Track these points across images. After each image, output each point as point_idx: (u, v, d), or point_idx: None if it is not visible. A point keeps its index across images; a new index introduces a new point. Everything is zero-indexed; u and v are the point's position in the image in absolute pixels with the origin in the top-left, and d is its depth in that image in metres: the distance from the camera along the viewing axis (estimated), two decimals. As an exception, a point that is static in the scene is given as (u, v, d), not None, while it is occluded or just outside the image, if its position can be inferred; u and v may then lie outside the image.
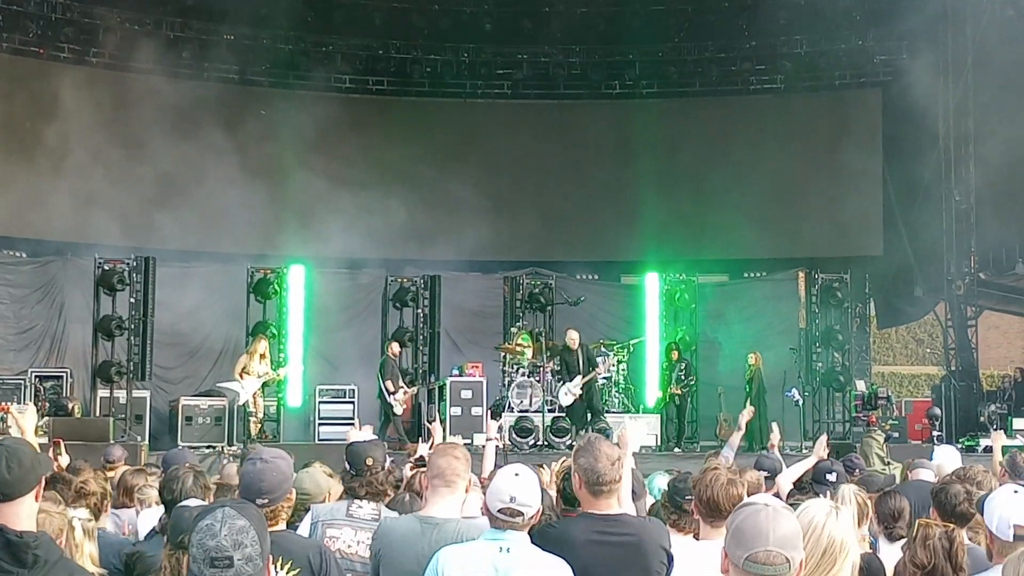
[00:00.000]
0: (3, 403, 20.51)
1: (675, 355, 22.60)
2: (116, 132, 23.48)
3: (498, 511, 5.29)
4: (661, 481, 7.41)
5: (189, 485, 6.28)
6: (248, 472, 5.39)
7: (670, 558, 5.63)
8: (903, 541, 6.57)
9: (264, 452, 5.50)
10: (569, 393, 20.76)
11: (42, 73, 23.28)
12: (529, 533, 5.68)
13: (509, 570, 5.18)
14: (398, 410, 21.19)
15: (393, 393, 21.10)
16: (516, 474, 5.40)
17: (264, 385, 21.39)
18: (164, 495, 6.35)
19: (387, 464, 6.71)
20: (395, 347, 21.85)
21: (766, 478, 9.26)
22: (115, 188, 23.30)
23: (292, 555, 5.22)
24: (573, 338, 21.17)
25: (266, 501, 5.19)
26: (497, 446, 9.25)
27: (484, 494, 5.54)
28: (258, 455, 5.45)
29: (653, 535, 5.71)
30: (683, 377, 22.28)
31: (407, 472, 9.07)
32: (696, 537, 6.20)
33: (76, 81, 23.32)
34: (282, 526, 5.40)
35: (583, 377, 20.69)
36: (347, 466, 6.67)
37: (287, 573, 5.17)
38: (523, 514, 5.25)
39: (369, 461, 6.54)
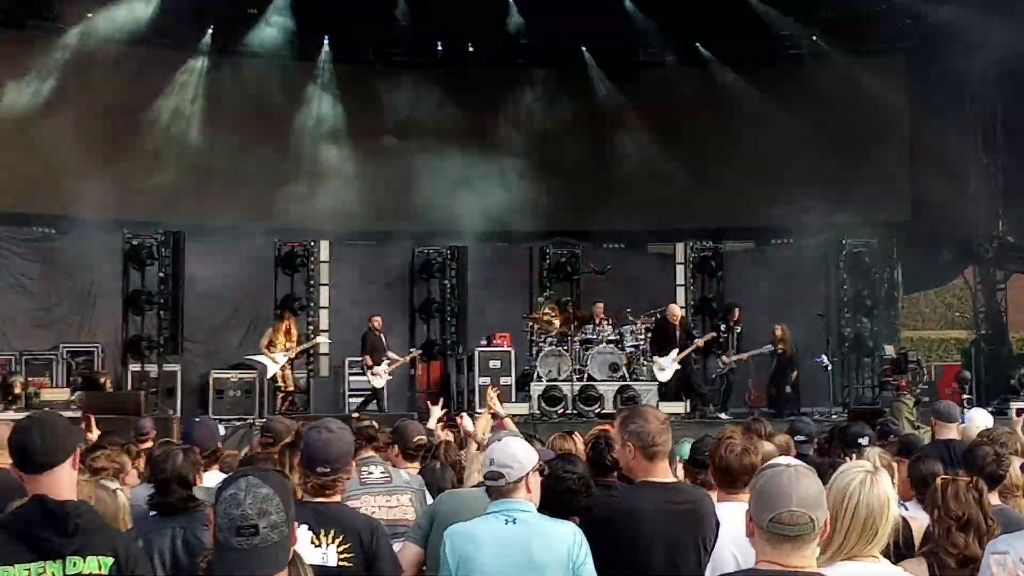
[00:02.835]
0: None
1: (736, 316, 21.98)
2: (142, 108, 23.59)
3: (485, 476, 5.36)
4: (686, 448, 7.45)
5: (180, 462, 6.25)
6: (313, 440, 5.39)
7: (718, 524, 5.67)
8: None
9: (331, 423, 5.51)
10: (665, 369, 20.87)
11: (74, 51, 23.31)
12: (587, 506, 5.70)
13: (523, 539, 5.22)
14: (377, 383, 21.29)
15: (371, 367, 21.19)
16: (499, 440, 5.48)
17: (298, 355, 21.53)
18: (156, 473, 6.32)
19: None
20: (376, 321, 21.68)
21: (802, 442, 9.26)
22: (143, 164, 23.41)
23: (343, 529, 5.22)
24: (676, 313, 21.49)
25: (328, 471, 5.23)
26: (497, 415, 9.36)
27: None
28: (324, 425, 5.47)
29: (707, 503, 5.78)
30: (739, 342, 21.99)
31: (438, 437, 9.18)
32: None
33: (107, 60, 23.45)
34: (337, 498, 5.40)
35: (679, 352, 20.94)
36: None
37: (337, 547, 5.18)
38: (504, 476, 5.29)
39: None
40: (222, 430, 8.69)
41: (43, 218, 24.19)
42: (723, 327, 21.86)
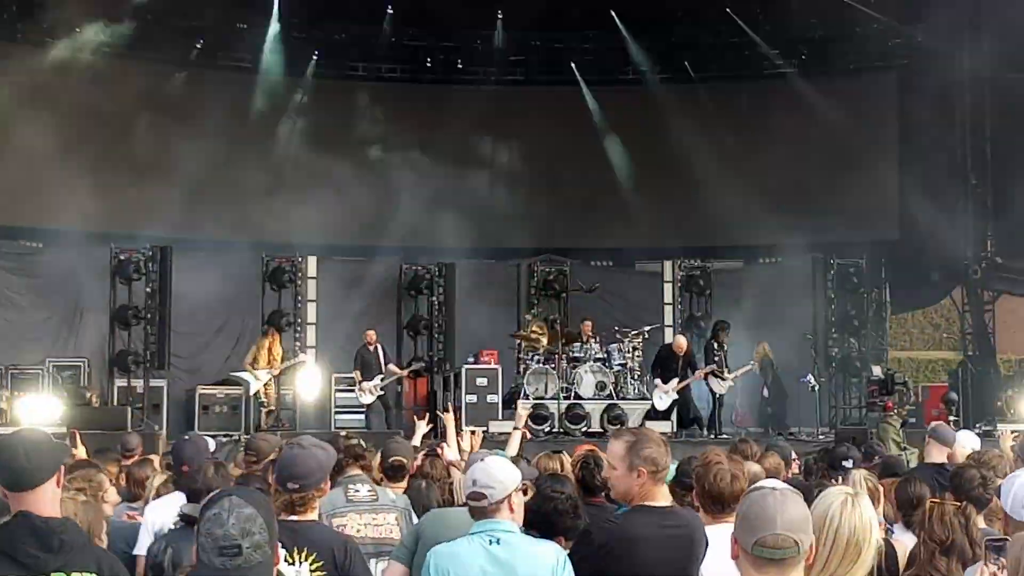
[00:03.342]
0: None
1: (724, 336, 21.85)
2: (129, 123, 23.57)
3: (467, 497, 5.33)
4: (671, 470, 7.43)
5: (211, 475, 6.34)
6: (284, 457, 5.46)
7: (707, 544, 5.62)
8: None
9: (304, 439, 5.54)
10: (665, 396, 20.86)
11: (61, 62, 23.31)
12: (586, 531, 5.68)
13: (506, 560, 5.19)
14: (365, 400, 21.38)
15: (359, 383, 21.27)
16: (481, 459, 5.45)
17: (283, 372, 21.51)
18: (189, 485, 6.43)
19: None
20: (370, 335, 21.75)
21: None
22: (130, 178, 23.37)
23: (316, 547, 5.22)
24: (681, 344, 21.38)
25: (297, 487, 5.24)
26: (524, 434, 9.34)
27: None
28: (297, 442, 5.51)
29: (698, 524, 5.72)
30: (727, 361, 21.94)
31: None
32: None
33: (94, 72, 23.47)
34: (312, 516, 5.40)
35: (679, 382, 20.90)
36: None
37: (309, 564, 5.17)
38: (486, 496, 5.25)
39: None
40: (213, 445, 8.66)
41: (30, 232, 24.14)
42: (716, 345, 21.83)
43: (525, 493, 5.66)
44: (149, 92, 24.14)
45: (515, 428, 9.32)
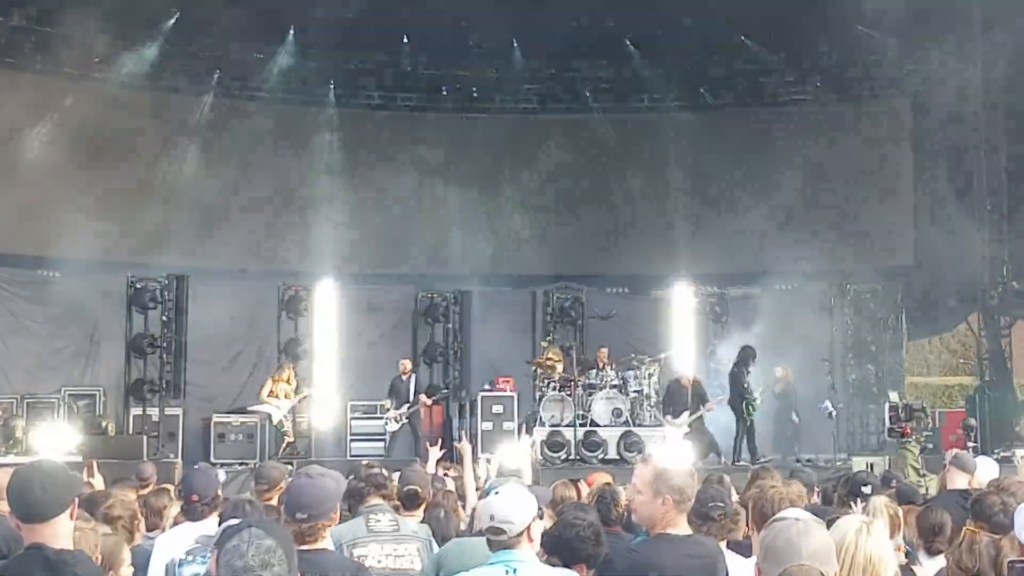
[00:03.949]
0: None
1: (753, 362, 21.80)
2: (147, 153, 23.65)
3: (485, 530, 5.29)
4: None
5: (248, 511, 6.42)
6: (292, 487, 5.44)
7: (727, 573, 5.60)
8: (942, 556, 6.54)
9: (312, 469, 5.52)
10: (678, 431, 20.79)
11: (78, 91, 23.41)
12: (608, 558, 5.63)
13: None
14: (391, 428, 21.46)
15: (388, 410, 21.35)
16: (497, 493, 5.40)
17: (299, 403, 21.56)
18: (228, 519, 6.51)
19: None
20: (403, 364, 21.84)
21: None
22: (146, 206, 23.44)
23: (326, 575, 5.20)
24: (689, 377, 21.43)
25: (305, 516, 5.21)
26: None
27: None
28: (305, 471, 5.49)
29: (721, 556, 5.69)
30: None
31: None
32: (728, 545, 6.20)
33: (111, 101, 23.56)
34: (323, 544, 5.36)
35: (690, 415, 20.82)
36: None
37: None
38: (504, 532, 5.20)
39: None
40: (223, 476, 8.65)
41: (46, 261, 24.18)
42: (747, 371, 21.76)
43: (540, 518, 5.62)
44: (165, 121, 24.23)
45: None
